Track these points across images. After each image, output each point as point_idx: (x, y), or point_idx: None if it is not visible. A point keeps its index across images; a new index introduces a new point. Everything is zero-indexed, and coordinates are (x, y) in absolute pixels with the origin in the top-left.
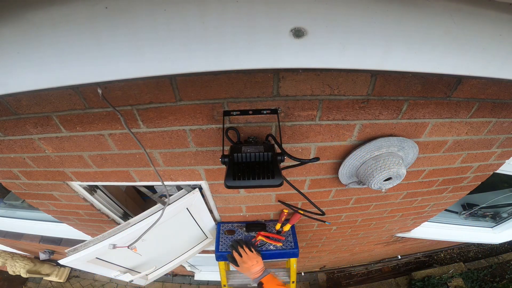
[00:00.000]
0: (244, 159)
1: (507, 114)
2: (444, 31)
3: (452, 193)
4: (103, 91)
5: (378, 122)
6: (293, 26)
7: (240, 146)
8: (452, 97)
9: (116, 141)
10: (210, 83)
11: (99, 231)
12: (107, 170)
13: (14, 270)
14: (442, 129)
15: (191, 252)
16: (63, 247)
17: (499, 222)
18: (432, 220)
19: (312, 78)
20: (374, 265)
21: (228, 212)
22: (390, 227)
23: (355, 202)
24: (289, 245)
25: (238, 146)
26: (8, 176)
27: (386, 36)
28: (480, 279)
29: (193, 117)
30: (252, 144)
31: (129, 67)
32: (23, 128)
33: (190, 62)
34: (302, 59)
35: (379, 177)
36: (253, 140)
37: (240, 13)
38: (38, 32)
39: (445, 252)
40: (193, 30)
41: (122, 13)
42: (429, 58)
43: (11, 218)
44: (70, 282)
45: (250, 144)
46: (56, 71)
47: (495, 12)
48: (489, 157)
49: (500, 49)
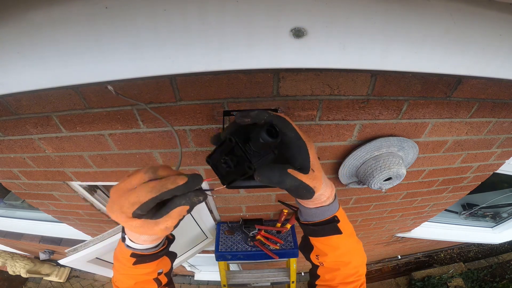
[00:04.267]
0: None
1: (507, 114)
2: (444, 31)
3: (452, 193)
4: (106, 89)
5: (378, 122)
6: (293, 26)
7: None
8: (452, 97)
9: (116, 141)
10: (210, 83)
11: (99, 231)
12: (107, 170)
13: (14, 270)
14: (442, 129)
15: (191, 252)
16: (63, 247)
17: (499, 222)
18: (432, 220)
19: (312, 78)
20: (374, 265)
21: (228, 212)
22: (390, 227)
23: (355, 202)
24: (289, 245)
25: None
26: (8, 176)
27: (386, 36)
28: (480, 279)
29: (193, 117)
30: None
31: (129, 67)
32: (23, 128)
33: (190, 62)
34: (302, 59)
35: (379, 177)
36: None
37: (240, 13)
38: (38, 32)
39: (445, 252)
40: (193, 30)
41: (122, 13)
42: (429, 58)
43: (11, 218)
44: (70, 282)
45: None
46: (56, 71)
47: (495, 12)
48: (489, 157)
49: (500, 49)
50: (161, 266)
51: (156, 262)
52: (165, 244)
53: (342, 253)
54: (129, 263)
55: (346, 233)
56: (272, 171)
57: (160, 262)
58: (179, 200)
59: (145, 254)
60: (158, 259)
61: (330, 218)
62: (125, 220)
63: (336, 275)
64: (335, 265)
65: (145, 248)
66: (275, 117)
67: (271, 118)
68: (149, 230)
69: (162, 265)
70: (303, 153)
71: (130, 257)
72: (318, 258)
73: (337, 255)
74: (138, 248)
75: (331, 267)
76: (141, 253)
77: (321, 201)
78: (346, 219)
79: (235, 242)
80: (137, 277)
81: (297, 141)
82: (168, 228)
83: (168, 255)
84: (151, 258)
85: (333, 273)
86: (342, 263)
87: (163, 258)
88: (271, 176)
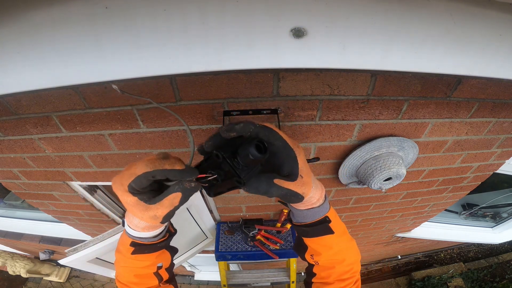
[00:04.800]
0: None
1: (507, 114)
2: (444, 31)
3: (452, 193)
4: (108, 88)
5: (378, 122)
6: (293, 26)
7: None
8: (452, 97)
9: (116, 141)
10: (210, 83)
11: (99, 231)
12: (107, 170)
13: (14, 270)
14: (442, 129)
15: (191, 252)
16: (63, 247)
17: (499, 222)
18: (432, 220)
19: (312, 78)
20: (374, 265)
21: (228, 212)
22: (390, 227)
23: (355, 202)
24: (289, 245)
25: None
26: (8, 176)
27: (386, 36)
28: (480, 279)
29: (193, 117)
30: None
31: (129, 67)
32: (23, 128)
33: (190, 62)
34: (302, 59)
35: (379, 177)
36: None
37: (240, 13)
38: (38, 32)
39: (445, 252)
40: (193, 30)
41: (122, 13)
42: (429, 58)
43: (11, 218)
44: (70, 282)
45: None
46: (56, 71)
47: (495, 12)
48: (489, 157)
49: (500, 49)
50: (160, 259)
51: (155, 254)
52: (165, 236)
53: (335, 252)
54: (128, 253)
55: (338, 232)
56: (259, 181)
57: (159, 255)
58: (172, 188)
59: (144, 243)
60: (158, 251)
61: (322, 219)
62: (122, 193)
63: (332, 272)
64: (330, 263)
65: (144, 237)
66: (261, 129)
67: (257, 130)
68: (139, 213)
69: (162, 258)
70: (291, 160)
71: (129, 246)
72: (313, 257)
73: (331, 254)
74: (137, 236)
75: (326, 265)
76: (141, 241)
77: (312, 203)
78: (338, 218)
79: (235, 242)
80: (136, 269)
81: (284, 149)
82: (157, 217)
83: (169, 249)
84: (150, 248)
85: (329, 271)
86: (336, 261)
87: (163, 251)
88: (258, 186)
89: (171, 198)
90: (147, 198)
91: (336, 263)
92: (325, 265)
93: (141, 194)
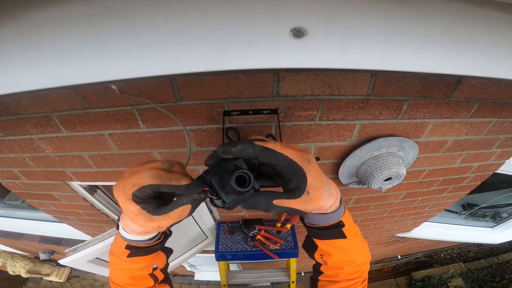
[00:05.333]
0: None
1: (507, 114)
2: (444, 31)
3: (452, 193)
4: (108, 88)
5: (378, 122)
6: (293, 26)
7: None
8: (452, 97)
9: (116, 141)
10: (210, 83)
11: (99, 231)
12: (107, 170)
13: (14, 270)
14: (442, 129)
15: (191, 252)
16: (63, 247)
17: (499, 222)
18: (432, 220)
19: (312, 78)
20: (374, 265)
21: (228, 212)
22: (390, 227)
23: (355, 202)
24: (289, 245)
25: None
26: (8, 176)
27: (386, 36)
28: (480, 279)
29: (193, 117)
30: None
31: (129, 67)
32: (23, 128)
33: (190, 62)
34: (302, 59)
35: (379, 177)
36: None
37: (240, 13)
38: (38, 32)
39: (445, 252)
40: (193, 30)
41: (122, 13)
42: (429, 58)
43: (11, 218)
44: (70, 282)
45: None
46: (56, 71)
47: (495, 12)
48: (489, 157)
49: (500, 49)
50: (156, 261)
51: (151, 256)
52: (161, 238)
53: (346, 254)
54: (123, 256)
55: (350, 235)
56: (257, 202)
57: (155, 257)
58: (181, 200)
59: (140, 246)
60: (153, 253)
61: (336, 223)
62: (124, 201)
63: (340, 273)
64: (339, 264)
65: (139, 240)
66: (261, 152)
67: (256, 154)
68: (142, 222)
69: (157, 260)
70: (299, 177)
71: (125, 249)
72: (322, 257)
73: (341, 256)
74: (133, 239)
75: (335, 266)
76: (136, 245)
77: (324, 209)
78: (352, 222)
79: (235, 242)
80: (131, 271)
81: (290, 168)
82: (161, 228)
83: (164, 250)
84: (146, 251)
85: (337, 271)
86: (346, 262)
87: (158, 253)
88: (256, 205)
89: (181, 210)
90: (151, 208)
91: (346, 264)
92: (334, 266)
93: (145, 203)
